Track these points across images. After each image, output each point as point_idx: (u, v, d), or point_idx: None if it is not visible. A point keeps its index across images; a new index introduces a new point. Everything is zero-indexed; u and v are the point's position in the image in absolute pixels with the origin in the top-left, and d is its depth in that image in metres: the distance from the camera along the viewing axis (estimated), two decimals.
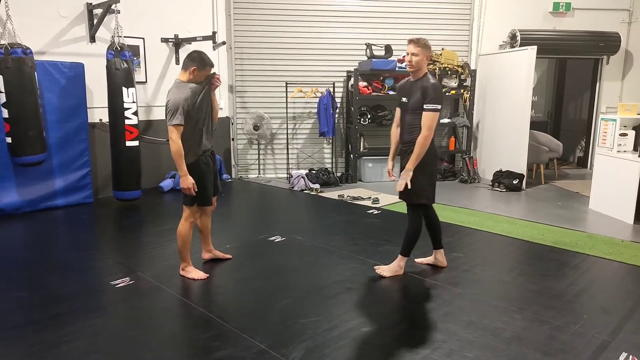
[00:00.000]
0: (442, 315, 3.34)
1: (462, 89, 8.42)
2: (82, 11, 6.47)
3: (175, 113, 3.63)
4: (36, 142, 5.62)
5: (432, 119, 3.65)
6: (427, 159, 3.75)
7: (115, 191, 6.38)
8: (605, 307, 3.51)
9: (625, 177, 5.72)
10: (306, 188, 7.57)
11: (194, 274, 4.04)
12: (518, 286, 3.87)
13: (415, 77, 3.81)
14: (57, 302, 3.56)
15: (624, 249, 4.77)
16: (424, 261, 4.34)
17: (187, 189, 3.73)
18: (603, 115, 6.39)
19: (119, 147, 6.20)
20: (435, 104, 3.64)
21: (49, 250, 4.76)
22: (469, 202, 6.75)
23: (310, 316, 3.34)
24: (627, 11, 9.02)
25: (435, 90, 3.65)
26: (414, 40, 3.74)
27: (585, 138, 9.74)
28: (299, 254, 4.66)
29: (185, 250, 4.02)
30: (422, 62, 3.73)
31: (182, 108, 3.64)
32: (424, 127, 3.66)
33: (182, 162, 3.68)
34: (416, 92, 3.73)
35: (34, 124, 5.56)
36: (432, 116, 3.65)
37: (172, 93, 3.74)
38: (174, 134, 3.65)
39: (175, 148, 3.66)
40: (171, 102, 3.67)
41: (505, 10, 8.72)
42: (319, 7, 8.36)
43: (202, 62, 3.78)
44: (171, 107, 3.66)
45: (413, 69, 3.76)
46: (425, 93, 3.66)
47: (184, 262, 4.07)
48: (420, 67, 3.74)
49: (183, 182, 3.73)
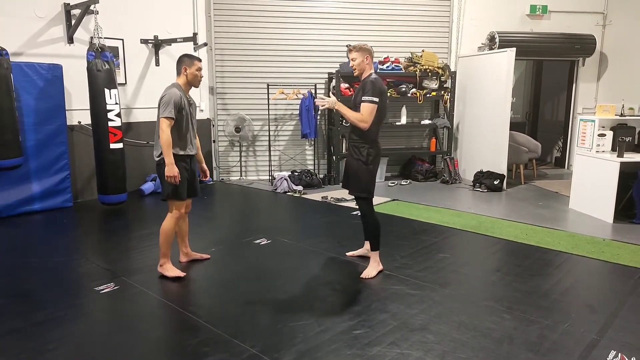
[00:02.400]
0: (433, 317, 3.34)
1: (442, 91, 8.48)
2: (60, 12, 6.34)
3: (168, 106, 3.80)
4: (12, 146, 5.44)
5: (367, 109, 3.83)
6: (370, 157, 3.99)
7: (101, 195, 6.24)
8: (591, 305, 3.56)
9: (604, 177, 5.82)
10: (289, 190, 7.54)
11: (171, 272, 4.04)
12: (506, 286, 3.89)
13: (361, 78, 4.03)
14: (40, 309, 3.47)
15: (605, 248, 4.85)
16: (355, 254, 4.54)
17: (172, 177, 3.82)
18: (582, 116, 6.49)
19: (103, 149, 6.07)
20: (371, 96, 3.83)
21: (29, 256, 4.62)
22: (452, 203, 6.79)
23: (300, 319, 3.31)
24: (602, 14, 9.20)
25: (372, 85, 3.85)
26: (349, 47, 4.07)
27: (562, 138, 9.90)
28: (285, 256, 4.64)
29: (167, 246, 4.03)
30: (363, 64, 3.96)
31: (175, 104, 3.81)
32: (360, 113, 3.86)
33: (169, 152, 3.81)
34: (360, 89, 3.97)
35: (9, 127, 5.38)
36: (368, 107, 3.83)
37: (167, 89, 3.91)
38: (164, 124, 3.79)
39: (164, 137, 3.79)
40: (166, 96, 3.85)
41: (483, 13, 8.83)
42: (300, 8, 8.35)
43: (190, 59, 4.02)
44: (165, 100, 3.83)
45: (357, 72, 4.01)
46: (364, 88, 3.89)
47: (164, 259, 4.06)
48: (362, 68, 3.97)
49: (168, 170, 3.82)
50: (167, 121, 3.80)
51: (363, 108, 3.84)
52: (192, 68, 3.98)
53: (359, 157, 4.00)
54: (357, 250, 4.58)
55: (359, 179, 4.02)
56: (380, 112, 3.93)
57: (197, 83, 4.09)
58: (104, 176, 6.16)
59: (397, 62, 8.30)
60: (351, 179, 4.09)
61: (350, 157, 4.10)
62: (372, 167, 4.02)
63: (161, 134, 3.80)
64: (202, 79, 4.16)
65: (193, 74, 4.00)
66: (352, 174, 4.07)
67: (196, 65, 4.01)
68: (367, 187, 4.03)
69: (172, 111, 3.79)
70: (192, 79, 4.02)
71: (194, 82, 4.06)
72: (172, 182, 3.84)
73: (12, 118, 5.42)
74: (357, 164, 4.01)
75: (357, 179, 4.03)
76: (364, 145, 3.99)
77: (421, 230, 5.46)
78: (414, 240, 5.06)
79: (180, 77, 4.01)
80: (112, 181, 6.16)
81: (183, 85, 4.00)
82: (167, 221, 4.02)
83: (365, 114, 3.84)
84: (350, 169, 4.08)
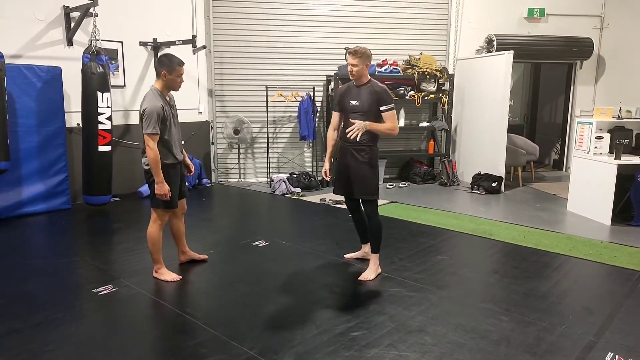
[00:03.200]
0: (430, 319, 3.35)
1: (440, 93, 8.50)
2: (59, 14, 6.36)
3: (151, 122, 3.65)
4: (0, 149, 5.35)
5: (393, 116, 3.96)
6: (375, 158, 4.07)
7: (85, 195, 6.27)
8: (588, 307, 3.57)
9: (602, 179, 5.84)
10: (287, 192, 7.55)
11: (166, 276, 4.05)
12: (503, 288, 3.91)
13: (359, 83, 4.02)
14: (39, 310, 3.48)
15: (603, 250, 4.86)
16: (353, 256, 4.55)
17: (163, 195, 3.78)
18: (579, 119, 6.51)
19: (91, 151, 6.10)
20: (390, 104, 3.95)
21: (27, 257, 4.63)
22: (450, 205, 6.81)
23: (298, 321, 3.32)
24: (599, 17, 9.23)
25: (387, 93, 3.96)
26: (352, 52, 3.94)
27: (560, 141, 9.92)
28: (283, 258, 4.64)
29: (157, 252, 4.03)
30: (362, 71, 3.95)
31: (158, 116, 3.67)
32: (390, 122, 3.96)
33: (158, 169, 3.73)
34: (367, 96, 3.94)
35: None
36: (392, 114, 3.96)
37: (147, 101, 3.74)
38: (150, 142, 3.68)
39: (152, 155, 3.69)
40: (147, 110, 3.67)
41: (481, 16, 8.85)
42: (299, 11, 8.37)
43: (170, 62, 3.78)
44: (147, 115, 3.66)
45: (355, 77, 3.99)
46: (380, 97, 3.92)
47: (157, 264, 4.06)
48: (360, 75, 3.97)
49: (159, 188, 3.76)
50: (152, 138, 3.66)
51: (389, 117, 3.93)
52: (172, 74, 3.76)
53: (364, 159, 4.01)
54: (355, 253, 4.58)
55: (368, 182, 4.04)
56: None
57: (177, 88, 3.86)
58: (90, 177, 6.18)
59: (395, 65, 8.32)
60: (357, 183, 4.05)
61: (353, 160, 4.03)
62: (377, 168, 4.09)
63: (148, 152, 3.68)
64: (182, 83, 3.90)
65: (172, 80, 3.78)
66: (358, 177, 4.03)
67: (177, 71, 3.78)
68: (377, 188, 4.08)
69: (155, 127, 3.65)
70: (171, 84, 3.81)
71: (173, 87, 3.84)
72: (163, 199, 3.80)
73: (2, 121, 5.31)
74: (363, 167, 4.01)
75: (365, 182, 4.03)
76: (371, 147, 4.02)
77: (419, 232, 5.47)
78: (412, 242, 5.07)
79: (158, 81, 3.80)
80: (98, 182, 6.18)
81: (161, 89, 3.80)
82: (150, 228, 3.97)
83: (394, 120, 3.96)
84: (356, 172, 4.03)
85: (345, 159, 4.12)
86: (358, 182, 4.05)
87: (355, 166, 4.04)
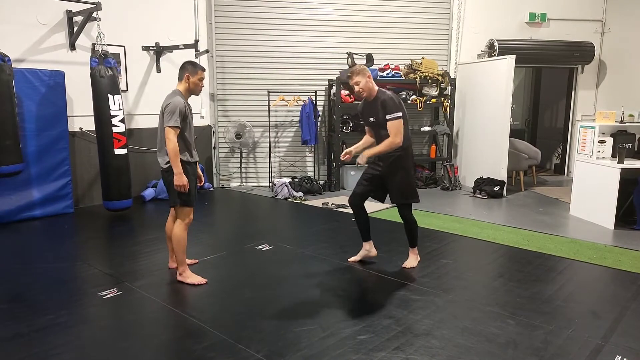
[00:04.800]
0: (437, 322, 3.34)
1: (442, 98, 8.51)
2: (62, 18, 6.38)
3: (173, 115, 3.78)
4: (13, 152, 5.41)
5: (396, 126, 3.93)
6: (408, 165, 4.16)
7: (106, 201, 6.23)
8: (594, 311, 3.56)
9: (604, 183, 5.84)
10: (290, 196, 7.54)
11: (193, 279, 4.04)
12: (508, 292, 3.90)
13: (371, 97, 4.07)
14: (43, 314, 3.47)
15: (607, 254, 4.86)
16: (357, 258, 4.59)
17: (182, 186, 3.84)
18: (582, 123, 6.52)
19: (108, 155, 6.07)
20: (395, 112, 3.92)
21: (30, 261, 4.63)
22: (452, 209, 6.81)
23: (304, 325, 3.31)
24: (600, 22, 9.25)
25: (392, 101, 3.94)
26: (348, 76, 4.10)
27: (561, 145, 9.93)
28: (288, 262, 4.64)
29: (183, 252, 4.02)
30: (367, 85, 4.01)
31: (180, 112, 3.80)
32: (391, 134, 3.95)
33: (177, 160, 3.81)
34: (379, 109, 4.01)
35: (10, 133, 5.35)
36: (395, 124, 3.93)
37: (169, 97, 3.89)
38: (171, 133, 3.78)
39: (171, 146, 3.78)
40: (171, 105, 3.81)
41: (482, 20, 8.88)
42: (301, 15, 8.39)
43: (194, 67, 3.99)
44: (170, 109, 3.80)
45: (364, 94, 4.06)
46: (385, 107, 3.95)
47: (182, 266, 4.05)
48: (368, 88, 4.03)
49: (178, 179, 3.83)
50: (173, 130, 3.78)
51: (392, 127, 3.93)
52: (194, 77, 3.96)
53: (401, 165, 4.10)
54: (357, 255, 4.60)
55: (406, 186, 4.16)
56: (405, 119, 4.03)
57: (197, 91, 4.08)
58: (109, 182, 6.15)
59: (397, 69, 8.34)
60: (395, 189, 4.18)
61: (392, 167, 4.11)
62: (413, 171, 4.22)
63: (168, 143, 3.78)
64: (202, 89, 4.15)
65: (195, 82, 3.98)
66: (395, 183, 4.15)
67: (199, 75, 3.99)
68: (415, 191, 4.21)
69: (177, 120, 3.78)
70: (194, 87, 4.01)
71: (194, 90, 4.04)
72: (181, 190, 3.86)
73: (14, 124, 5.39)
74: (401, 173, 4.11)
75: (404, 187, 4.15)
76: (405, 151, 4.08)
77: (423, 236, 5.42)
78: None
79: (181, 83, 3.98)
80: (117, 187, 6.16)
81: (184, 91, 3.98)
82: (178, 229, 3.99)
83: (396, 132, 3.93)
84: (393, 179, 4.14)
85: (377, 167, 4.21)
86: (395, 188, 4.17)
87: (391, 172, 4.14)
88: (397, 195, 4.20)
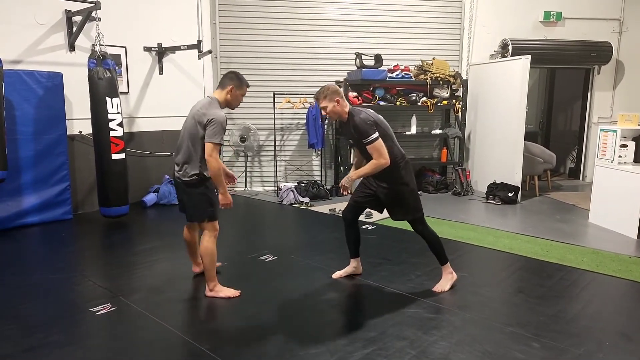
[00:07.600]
0: (454, 345, 3.08)
1: (453, 99, 8.24)
2: (61, 18, 6.15)
3: (219, 132, 3.56)
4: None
5: (376, 148, 3.66)
6: (408, 175, 3.85)
7: (102, 207, 6.01)
8: (625, 332, 3.28)
9: (627, 190, 5.56)
10: (295, 202, 7.30)
11: (226, 292, 3.85)
12: (530, 309, 3.62)
13: (344, 119, 3.83)
14: (31, 333, 3.24)
15: (632, 266, 4.57)
16: (342, 274, 4.27)
17: (228, 204, 3.75)
18: (602, 126, 6.23)
19: (105, 160, 5.84)
20: (370, 135, 3.65)
21: (22, 272, 4.39)
22: (465, 216, 6.53)
23: (310, 347, 3.05)
24: (618, 21, 8.94)
25: (363, 123, 3.67)
26: (315, 97, 3.86)
27: (577, 149, 9.62)
28: (292, 275, 4.38)
29: (213, 268, 3.83)
30: (333, 110, 3.76)
31: (223, 128, 3.59)
32: (374, 156, 3.68)
33: (222, 180, 3.65)
34: (353, 133, 3.76)
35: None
36: (374, 146, 3.66)
37: (209, 107, 3.64)
38: (214, 152, 3.56)
39: (216, 165, 3.58)
40: (216, 119, 3.57)
41: (495, 20, 8.60)
42: (308, 15, 8.14)
43: (240, 81, 3.79)
44: (216, 124, 3.55)
45: (333, 118, 3.95)
46: (358, 132, 3.69)
47: (213, 282, 3.84)
48: (337, 112, 3.77)
49: (223, 198, 3.72)
50: (216, 148, 3.57)
51: (371, 150, 3.68)
52: (239, 91, 3.77)
53: (396, 182, 3.81)
54: (344, 269, 4.29)
55: (408, 203, 3.85)
56: (386, 135, 3.76)
57: (235, 106, 3.87)
58: (106, 188, 5.92)
59: (407, 70, 8.07)
60: (396, 207, 3.89)
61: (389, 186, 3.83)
62: (412, 185, 3.88)
63: (211, 162, 3.54)
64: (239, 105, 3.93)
65: (237, 96, 3.78)
66: (395, 201, 3.87)
67: (244, 90, 3.81)
68: (417, 206, 3.89)
69: (222, 137, 3.58)
70: (234, 100, 3.80)
71: (233, 104, 3.82)
72: (227, 208, 3.76)
73: (1, 129, 5.02)
74: (398, 189, 3.82)
75: (405, 203, 3.85)
76: (396, 167, 3.78)
77: None
78: (429, 257, 4.72)
79: (221, 93, 3.75)
80: (114, 193, 5.92)
81: (222, 102, 3.75)
82: (207, 242, 3.78)
83: (378, 153, 3.66)
84: (392, 197, 3.86)
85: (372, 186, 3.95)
86: (396, 206, 3.89)
87: (389, 192, 3.85)
88: (403, 213, 3.89)
